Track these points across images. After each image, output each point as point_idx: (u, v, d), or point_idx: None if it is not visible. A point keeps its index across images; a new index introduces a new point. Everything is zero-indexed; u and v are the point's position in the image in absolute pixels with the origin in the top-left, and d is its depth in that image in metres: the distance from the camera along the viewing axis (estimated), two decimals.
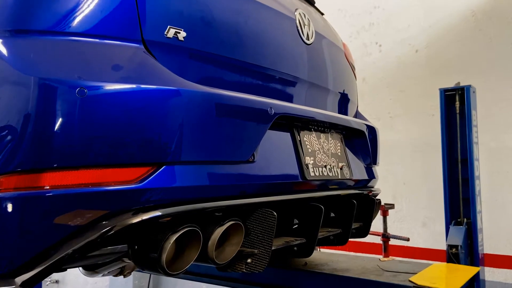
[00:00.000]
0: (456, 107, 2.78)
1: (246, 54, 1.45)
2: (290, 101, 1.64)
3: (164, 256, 1.08)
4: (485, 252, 2.76)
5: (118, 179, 1.02)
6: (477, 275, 2.49)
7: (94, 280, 5.27)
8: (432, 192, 3.53)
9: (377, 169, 2.18)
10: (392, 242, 3.36)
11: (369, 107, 4.03)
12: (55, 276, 5.78)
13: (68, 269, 1.16)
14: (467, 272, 2.28)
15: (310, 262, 2.38)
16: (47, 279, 5.71)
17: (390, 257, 2.71)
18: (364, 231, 2.02)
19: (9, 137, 0.98)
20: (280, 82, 1.60)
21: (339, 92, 2.01)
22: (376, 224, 3.26)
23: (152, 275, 4.42)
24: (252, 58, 1.46)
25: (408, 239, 3.25)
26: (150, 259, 1.11)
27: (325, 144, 1.72)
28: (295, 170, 1.49)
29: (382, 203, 3.20)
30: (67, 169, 0.98)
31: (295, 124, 1.59)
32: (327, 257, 2.58)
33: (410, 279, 2.00)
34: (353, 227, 1.90)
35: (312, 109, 1.66)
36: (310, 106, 1.71)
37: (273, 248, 1.39)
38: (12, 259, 0.98)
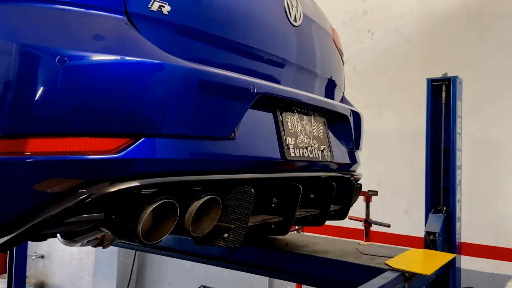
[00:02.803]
0: (442, 98, 2.81)
1: (231, 32, 1.45)
2: (275, 81, 1.65)
3: (140, 226, 1.11)
4: (462, 241, 2.83)
5: (96, 148, 1.03)
6: (453, 263, 2.55)
7: (80, 256, 5.31)
8: (416, 181, 3.59)
9: (361, 156, 2.21)
10: (374, 228, 3.44)
11: (359, 95, 4.06)
12: (40, 251, 5.82)
13: (50, 242, 1.18)
14: (442, 258, 2.33)
15: (291, 243, 2.42)
16: (33, 253, 5.74)
17: (369, 241, 2.76)
18: (343, 213, 2.06)
19: None
20: (265, 62, 1.61)
21: (325, 76, 2.02)
22: (360, 210, 3.33)
23: (137, 252, 4.47)
24: (237, 36, 1.47)
25: (389, 226, 3.32)
26: (127, 229, 1.13)
27: (308, 126, 1.74)
28: (275, 150, 1.51)
29: (366, 190, 3.26)
30: (46, 136, 0.99)
31: (278, 105, 1.60)
32: (308, 239, 2.62)
33: (386, 262, 2.05)
34: (332, 209, 1.94)
35: (295, 91, 1.68)
36: (295, 88, 1.72)
37: (251, 224, 1.42)
38: None
